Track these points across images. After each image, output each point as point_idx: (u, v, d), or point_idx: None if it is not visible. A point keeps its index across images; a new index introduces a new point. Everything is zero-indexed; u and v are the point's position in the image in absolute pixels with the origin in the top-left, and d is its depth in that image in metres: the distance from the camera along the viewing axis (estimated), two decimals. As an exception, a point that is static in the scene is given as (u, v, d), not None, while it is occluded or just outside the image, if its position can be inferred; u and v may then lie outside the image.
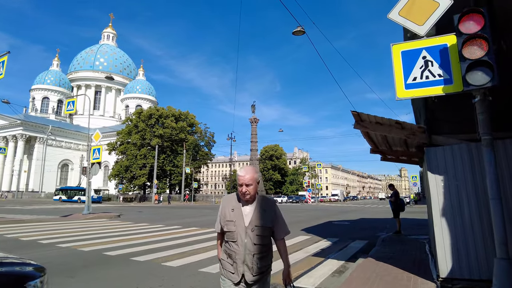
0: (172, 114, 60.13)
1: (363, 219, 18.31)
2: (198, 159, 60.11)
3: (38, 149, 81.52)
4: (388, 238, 9.39)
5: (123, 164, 57.00)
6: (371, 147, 7.03)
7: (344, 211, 27.31)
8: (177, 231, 11.54)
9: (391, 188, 10.46)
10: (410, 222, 15.37)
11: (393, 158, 9.02)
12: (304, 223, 15.09)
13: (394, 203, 10.23)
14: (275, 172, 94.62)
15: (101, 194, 64.56)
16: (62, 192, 54.84)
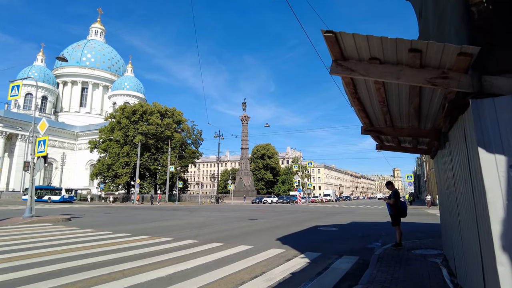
0: (157, 111, 57.47)
1: (355, 223, 15.94)
2: (185, 158, 57.42)
3: (19, 147, 78.16)
4: (386, 254, 6.98)
5: (105, 163, 54.24)
6: (363, 121, 4.61)
7: (335, 213, 24.97)
8: (119, 241, 9.09)
9: (390, 186, 8.05)
10: (410, 226, 13.05)
11: (392, 145, 6.62)
12: (284, 229, 12.66)
13: (393, 206, 7.81)
14: (267, 172, 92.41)
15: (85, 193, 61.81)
16: None
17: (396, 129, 4.70)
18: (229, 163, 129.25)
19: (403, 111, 3.88)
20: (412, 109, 3.60)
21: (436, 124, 4.18)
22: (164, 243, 8.85)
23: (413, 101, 3.34)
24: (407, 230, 11.82)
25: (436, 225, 14.73)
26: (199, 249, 7.92)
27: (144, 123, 55.40)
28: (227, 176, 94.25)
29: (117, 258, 6.76)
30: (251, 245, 8.48)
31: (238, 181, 71.76)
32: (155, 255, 7.18)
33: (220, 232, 11.44)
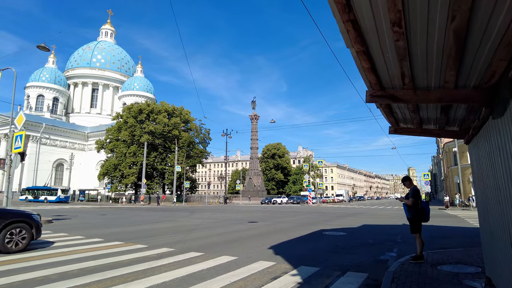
0: (164, 110, 56.45)
1: (366, 226, 14.19)
2: (192, 157, 56.26)
3: (31, 148, 78.59)
4: (403, 271, 5.32)
5: (111, 163, 53.54)
6: (368, 78, 2.99)
7: (346, 214, 23.17)
8: (84, 248, 7.73)
9: (407, 183, 6.36)
10: (429, 230, 11.27)
11: (410, 127, 4.98)
12: (283, 234, 11.06)
13: (412, 208, 6.13)
14: (278, 172, 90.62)
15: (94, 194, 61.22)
16: (29, 192, 51.84)
17: (418, 92, 3.08)
18: (240, 163, 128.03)
19: (433, 48, 2.27)
20: (452, 38, 1.99)
21: (488, 77, 2.55)
22: (134, 252, 7.42)
23: (456, 13, 1.74)
24: (426, 235, 10.08)
25: (461, 229, 12.87)
26: (170, 261, 6.44)
27: (151, 122, 54.50)
28: (237, 176, 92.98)
29: (60, 273, 5.32)
30: (235, 256, 6.95)
31: (248, 181, 70.30)
32: (112, 268, 5.74)
33: (207, 238, 9.93)
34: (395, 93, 3.17)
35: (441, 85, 2.97)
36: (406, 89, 3.11)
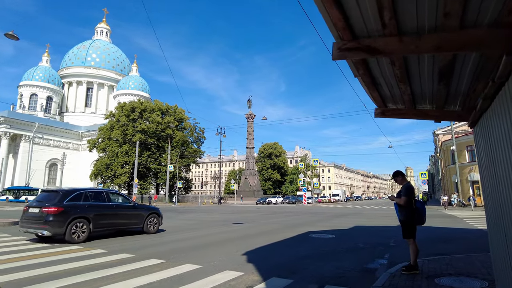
0: (158, 108, 55.45)
1: (358, 227, 13.22)
2: (186, 157, 55.21)
3: (23, 148, 77.56)
4: (392, 285, 4.35)
5: (103, 162, 52.48)
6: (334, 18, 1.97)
7: (339, 214, 22.21)
8: (36, 254, 6.70)
9: (399, 178, 5.37)
10: (426, 232, 10.32)
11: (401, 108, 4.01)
12: (266, 237, 10.07)
13: (405, 209, 5.17)
14: (274, 171, 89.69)
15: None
16: (10, 192, 50.70)
17: (405, 39, 2.11)
18: (237, 163, 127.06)
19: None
20: None
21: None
22: (90, 258, 6.46)
23: None
24: (422, 237, 9.14)
25: (460, 231, 11.92)
26: (124, 269, 5.48)
27: (144, 121, 53.47)
28: (234, 176, 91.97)
29: None
30: (200, 264, 5.97)
31: (244, 181, 69.32)
32: (59, 276, 4.77)
33: (179, 242, 8.95)
34: (373, 43, 2.20)
35: (439, 25, 2.00)
36: (387, 36, 2.14)
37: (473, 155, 35.72)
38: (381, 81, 3.14)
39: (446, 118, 4.07)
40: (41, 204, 8.88)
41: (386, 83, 3.20)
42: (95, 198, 9.65)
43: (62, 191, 9.41)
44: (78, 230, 8.77)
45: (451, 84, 3.08)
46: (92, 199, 9.52)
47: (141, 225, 10.47)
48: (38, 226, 8.45)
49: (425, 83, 3.31)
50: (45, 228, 8.31)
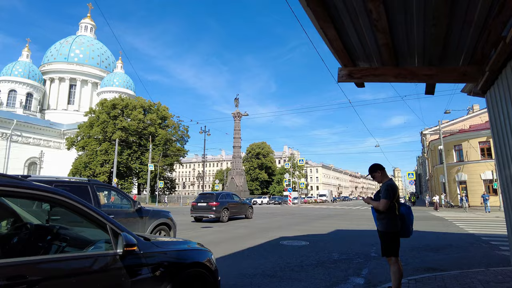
0: (140, 105, 53.54)
1: (339, 232, 11.92)
2: (169, 156, 53.45)
3: (0, 146, 74.37)
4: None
5: (82, 161, 50.37)
6: None
7: (322, 216, 20.97)
8: None
9: (377, 174, 4.02)
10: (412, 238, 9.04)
11: (375, 67, 2.60)
12: (229, 244, 8.68)
13: (385, 216, 3.88)
14: (262, 171, 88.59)
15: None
16: None
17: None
18: (225, 163, 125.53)
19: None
20: None
21: None
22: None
23: None
24: (408, 245, 7.91)
25: (451, 236, 10.70)
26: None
27: (125, 118, 51.53)
28: (222, 176, 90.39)
29: None
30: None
31: (230, 181, 67.83)
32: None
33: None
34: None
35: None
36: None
37: (460, 154, 35.02)
38: (346, 21, 1.82)
39: (444, 78, 2.74)
40: (206, 201, 16.23)
41: (354, 25, 1.87)
42: (228, 196, 17.78)
43: (215, 193, 17.46)
44: (224, 214, 16.21)
45: (453, 28, 1.75)
46: (227, 197, 17.46)
47: (243, 214, 18.48)
48: (207, 212, 15.83)
49: (413, 27, 1.99)
50: (212, 213, 15.76)
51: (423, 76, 2.69)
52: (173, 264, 2.65)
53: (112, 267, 2.23)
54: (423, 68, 2.66)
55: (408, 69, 2.69)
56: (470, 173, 33.39)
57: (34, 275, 1.82)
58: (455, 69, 2.60)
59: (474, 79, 2.60)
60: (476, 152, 33.07)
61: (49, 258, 2.09)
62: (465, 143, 34.15)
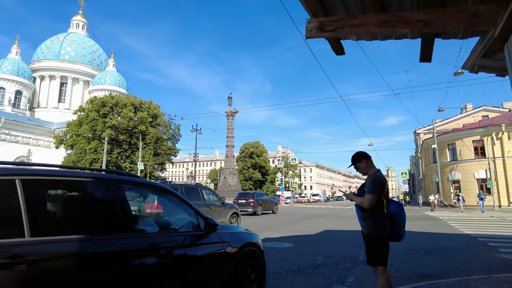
0: (131, 103, 52.49)
1: (328, 232, 11.26)
2: (160, 155, 52.52)
3: (-13, 144, 72.86)
4: None
5: (70, 160, 49.29)
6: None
7: (312, 216, 20.37)
8: None
9: (362, 165, 3.36)
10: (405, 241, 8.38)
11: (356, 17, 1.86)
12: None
13: (371, 215, 3.18)
14: (255, 171, 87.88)
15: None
16: None
17: None
18: (218, 162, 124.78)
19: None
20: None
21: None
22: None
23: None
24: (399, 247, 7.24)
25: (445, 237, 10.09)
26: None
27: (115, 116, 50.53)
28: (215, 176, 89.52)
29: None
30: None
31: (223, 180, 66.97)
32: None
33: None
34: None
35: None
36: None
37: (454, 153, 34.66)
38: None
39: (447, 24, 2.00)
40: (245, 198, 20.82)
41: None
42: (260, 195, 22.27)
43: (251, 192, 23.39)
44: (259, 209, 20.45)
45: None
46: (259, 196, 22.05)
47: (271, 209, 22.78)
48: (247, 208, 19.77)
49: None
50: (251, 208, 20.06)
51: (417, 22, 1.99)
52: (237, 242, 3.47)
53: (200, 242, 3.06)
54: (418, 12, 1.98)
55: (397, 14, 2.00)
56: (464, 172, 33.03)
57: (160, 244, 2.65)
58: (462, 10, 1.91)
59: (489, 22, 1.94)
60: (470, 151, 32.71)
61: (165, 233, 2.99)
62: (458, 142, 33.79)
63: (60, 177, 2.36)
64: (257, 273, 3.64)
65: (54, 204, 2.43)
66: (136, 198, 3.21)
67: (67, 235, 2.10)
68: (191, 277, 2.85)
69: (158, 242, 2.62)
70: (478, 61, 2.89)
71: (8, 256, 1.74)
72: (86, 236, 2.17)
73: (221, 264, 3.18)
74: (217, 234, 3.21)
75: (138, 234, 2.61)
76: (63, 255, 2.00)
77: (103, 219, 2.44)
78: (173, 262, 2.71)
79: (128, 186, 2.81)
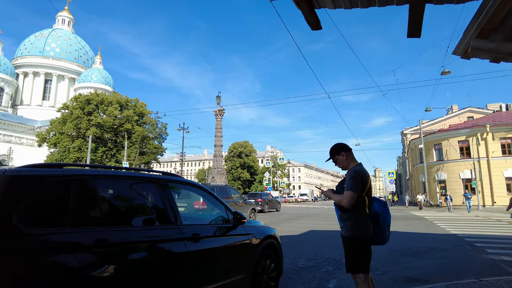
0: (117, 101, 51.40)
1: (312, 233, 10.95)
2: (146, 154, 51.60)
3: (-36, 141, 70.63)
4: None
5: (53, 158, 48.03)
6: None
7: (299, 215, 20.12)
8: None
9: (341, 158, 2.96)
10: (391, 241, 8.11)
11: None
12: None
13: (351, 215, 2.81)
14: (244, 171, 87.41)
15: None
16: None
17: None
18: (207, 162, 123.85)
19: None
20: None
21: None
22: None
23: None
24: (385, 248, 6.94)
25: (432, 237, 9.87)
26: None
27: (101, 114, 49.46)
28: (203, 175, 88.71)
29: None
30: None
31: (211, 180, 66.32)
32: None
33: None
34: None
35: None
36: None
37: (440, 154, 34.93)
38: None
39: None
40: (254, 198, 22.94)
41: None
42: (267, 195, 25.77)
43: (259, 193, 27.26)
44: (266, 207, 23.43)
45: None
46: (266, 196, 25.45)
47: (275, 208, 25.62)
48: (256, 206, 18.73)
49: None
50: (259, 206, 21.87)
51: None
52: (259, 234, 3.89)
53: (230, 233, 3.50)
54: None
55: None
56: (449, 172, 33.30)
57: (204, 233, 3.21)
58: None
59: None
60: (456, 151, 33.00)
61: (204, 225, 3.70)
62: (445, 142, 34.06)
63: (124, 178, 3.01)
64: (275, 263, 4.11)
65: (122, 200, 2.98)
66: (180, 195, 3.79)
67: (133, 226, 2.73)
68: (224, 262, 3.37)
69: (199, 232, 3.09)
70: (472, 43, 2.58)
71: (94, 240, 2.27)
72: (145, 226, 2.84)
73: (247, 253, 3.66)
74: (244, 227, 3.69)
75: (182, 225, 3.01)
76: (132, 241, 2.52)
77: (157, 212, 3.01)
78: (211, 249, 3.19)
79: (175, 185, 3.37)
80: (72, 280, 2.01)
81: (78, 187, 2.37)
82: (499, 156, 31.17)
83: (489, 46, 2.62)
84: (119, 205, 2.87)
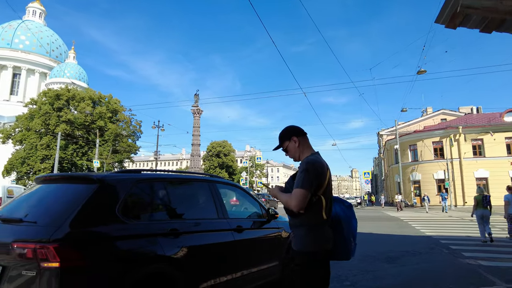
0: (89, 97, 49.36)
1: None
2: (119, 152, 49.81)
3: None
4: None
5: (19, 156, 45.49)
6: None
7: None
8: None
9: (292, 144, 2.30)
10: (364, 243, 7.65)
11: None
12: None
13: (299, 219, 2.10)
14: (222, 171, 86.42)
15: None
16: None
17: None
18: (185, 162, 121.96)
19: None
20: None
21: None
22: None
23: None
24: (357, 255, 6.43)
25: (408, 239, 9.51)
26: None
27: (72, 111, 47.31)
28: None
29: None
30: None
31: (187, 180, 65.21)
32: None
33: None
34: None
35: None
36: None
37: (415, 154, 35.40)
38: None
39: None
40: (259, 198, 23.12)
41: None
42: (267, 195, 26.19)
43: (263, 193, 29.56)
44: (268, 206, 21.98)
45: None
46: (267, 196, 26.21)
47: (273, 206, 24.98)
48: None
49: None
50: None
51: None
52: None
53: (264, 226, 4.13)
54: None
55: None
56: (424, 172, 33.78)
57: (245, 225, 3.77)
58: None
59: None
60: (430, 152, 33.50)
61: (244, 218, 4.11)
62: (419, 143, 34.53)
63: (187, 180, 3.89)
64: None
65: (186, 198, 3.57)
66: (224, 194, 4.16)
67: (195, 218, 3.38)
68: (262, 250, 3.99)
69: (241, 224, 3.69)
70: (462, 1, 2.05)
71: (171, 229, 2.92)
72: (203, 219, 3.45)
73: (278, 244, 4.20)
74: (276, 221, 4.26)
75: (229, 218, 3.63)
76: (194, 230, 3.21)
77: (211, 207, 3.55)
78: (252, 239, 3.80)
79: (220, 185, 3.91)
80: (154, 257, 2.67)
81: (156, 188, 3.16)
82: (470, 157, 31.88)
83: (484, 3, 2.12)
84: (184, 201, 3.47)
